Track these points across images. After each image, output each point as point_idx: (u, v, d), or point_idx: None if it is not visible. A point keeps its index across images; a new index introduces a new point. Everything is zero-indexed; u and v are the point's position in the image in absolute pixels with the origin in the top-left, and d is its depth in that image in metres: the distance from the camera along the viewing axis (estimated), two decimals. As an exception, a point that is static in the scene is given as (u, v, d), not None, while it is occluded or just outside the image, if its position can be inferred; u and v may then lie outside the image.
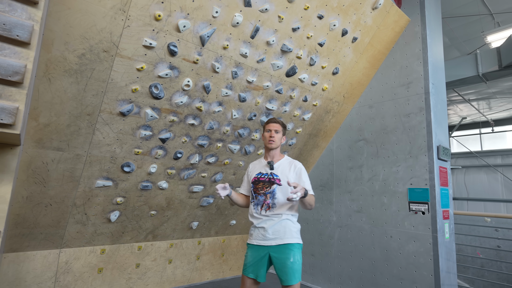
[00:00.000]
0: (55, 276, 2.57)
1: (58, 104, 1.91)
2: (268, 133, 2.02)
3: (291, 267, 1.81)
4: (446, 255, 2.64)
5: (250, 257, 1.94)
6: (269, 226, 1.90)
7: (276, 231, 1.89)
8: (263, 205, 1.95)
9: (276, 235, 1.89)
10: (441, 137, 2.82)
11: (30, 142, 1.97)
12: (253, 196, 2.01)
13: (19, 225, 2.28)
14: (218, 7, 2.05)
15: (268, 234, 1.89)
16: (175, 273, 3.29)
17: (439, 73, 3.00)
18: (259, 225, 1.94)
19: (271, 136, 2.00)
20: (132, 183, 2.56)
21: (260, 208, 1.95)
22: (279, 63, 2.57)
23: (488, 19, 4.90)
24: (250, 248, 1.98)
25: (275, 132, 2.01)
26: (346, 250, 3.23)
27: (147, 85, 2.13)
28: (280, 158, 2.07)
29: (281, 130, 2.04)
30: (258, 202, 1.96)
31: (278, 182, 1.95)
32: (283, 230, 1.90)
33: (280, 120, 2.08)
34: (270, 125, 2.04)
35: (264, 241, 1.90)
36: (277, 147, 2.04)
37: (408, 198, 2.80)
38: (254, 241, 1.95)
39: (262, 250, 1.90)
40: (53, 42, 1.71)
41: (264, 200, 1.94)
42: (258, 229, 1.94)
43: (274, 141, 2.00)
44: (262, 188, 1.97)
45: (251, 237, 1.99)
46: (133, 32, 1.88)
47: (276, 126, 2.03)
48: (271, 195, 1.94)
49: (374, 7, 2.71)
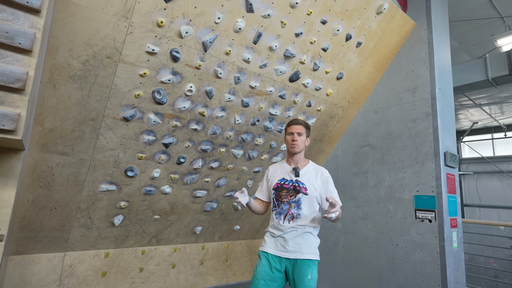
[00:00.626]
0: (60, 279, 2.59)
1: (62, 110, 1.94)
2: (290, 136, 1.85)
3: (308, 284, 1.67)
4: (454, 265, 2.56)
5: (265, 267, 1.75)
6: (291, 237, 1.75)
7: (297, 244, 1.74)
8: (287, 214, 1.78)
9: (296, 248, 1.74)
10: (448, 143, 2.76)
11: (35, 146, 2.01)
12: (275, 204, 1.84)
13: (25, 228, 2.31)
14: (220, 13, 2.06)
15: (288, 246, 1.74)
16: (179, 278, 3.29)
17: (446, 78, 2.95)
18: (280, 235, 1.77)
19: (293, 140, 1.82)
20: (135, 188, 2.58)
21: (284, 218, 1.78)
22: (282, 68, 2.57)
23: (498, 22, 4.81)
24: (264, 257, 1.79)
25: (297, 135, 1.83)
26: (351, 257, 3.17)
27: (150, 90, 2.15)
28: (305, 163, 1.90)
29: (304, 132, 1.86)
30: (281, 211, 1.79)
31: (304, 191, 1.78)
32: (305, 243, 1.75)
33: (303, 121, 1.90)
34: (292, 127, 1.86)
35: (284, 253, 1.74)
36: (301, 151, 1.87)
37: (415, 206, 2.74)
38: (272, 250, 1.77)
39: (280, 262, 1.76)
40: (57, 48, 1.74)
41: (288, 210, 1.77)
42: (277, 238, 1.78)
43: (298, 145, 1.82)
44: (286, 196, 1.80)
45: (267, 245, 1.81)
46: (136, 39, 1.90)
47: (299, 128, 1.85)
48: (295, 204, 1.78)
49: (378, 12, 2.69)
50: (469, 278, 4.84)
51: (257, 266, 1.79)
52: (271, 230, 1.83)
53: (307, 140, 1.90)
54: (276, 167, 1.96)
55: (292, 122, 1.88)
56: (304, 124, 1.88)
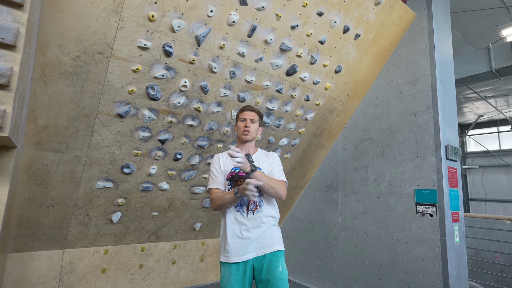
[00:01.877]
0: (59, 276, 2.60)
1: (55, 107, 1.93)
2: (242, 122, 1.74)
3: (280, 277, 1.57)
4: (456, 260, 2.52)
5: (234, 281, 1.59)
6: (256, 235, 1.62)
7: (263, 239, 1.63)
8: (249, 204, 1.65)
9: (263, 243, 1.63)
10: (449, 136, 2.70)
11: (29, 144, 2.00)
12: None
13: (23, 225, 2.32)
14: (213, 6, 2.03)
15: (253, 244, 1.61)
16: (179, 274, 3.29)
17: (448, 70, 2.88)
18: (243, 235, 1.62)
19: (246, 126, 1.72)
20: (132, 185, 2.57)
21: (246, 209, 1.64)
22: (278, 62, 2.52)
23: (503, 12, 4.69)
24: (228, 268, 1.62)
25: (250, 122, 1.73)
26: (351, 253, 3.14)
27: (143, 86, 2.13)
28: (255, 151, 1.81)
29: (257, 119, 1.77)
30: (242, 202, 1.65)
31: None
32: (271, 236, 1.65)
33: (256, 108, 1.81)
34: (245, 113, 1.75)
35: (248, 255, 1.61)
36: (253, 139, 1.77)
37: (415, 200, 2.70)
38: (237, 258, 1.61)
39: (245, 266, 1.62)
40: (47, 45, 1.72)
41: (248, 199, 1.62)
42: (240, 241, 1.61)
43: (250, 132, 1.72)
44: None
45: (228, 254, 1.62)
46: (127, 33, 1.88)
47: (252, 114, 1.75)
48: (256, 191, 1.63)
49: (377, 3, 2.62)
50: (474, 273, 4.78)
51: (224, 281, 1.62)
52: (231, 226, 1.64)
53: (259, 129, 1.81)
54: (224, 156, 1.79)
55: (245, 108, 1.78)
56: (257, 111, 1.80)
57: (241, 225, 1.64)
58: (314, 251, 3.53)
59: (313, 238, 3.56)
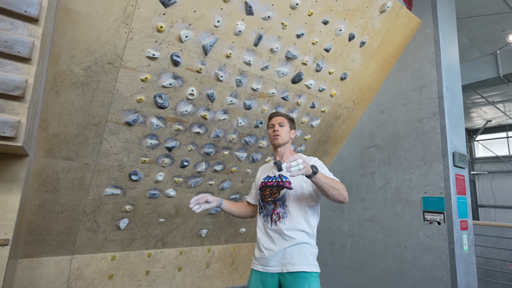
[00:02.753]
0: (67, 282, 2.63)
1: (66, 115, 1.98)
2: (271, 129, 1.71)
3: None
4: (464, 269, 2.48)
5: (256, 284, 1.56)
6: (280, 248, 1.53)
7: (288, 254, 1.52)
8: (273, 215, 1.58)
9: (287, 259, 1.52)
10: (457, 143, 2.69)
11: (40, 152, 2.05)
12: (260, 206, 1.66)
13: (33, 232, 2.36)
14: (219, 17, 2.07)
15: (277, 257, 1.53)
16: (185, 281, 3.30)
17: (454, 76, 2.87)
18: (267, 245, 1.56)
19: (275, 131, 1.68)
20: (140, 191, 2.60)
21: (270, 220, 1.58)
22: (284, 70, 2.55)
23: (510, 17, 4.67)
24: (253, 274, 1.60)
25: (279, 126, 1.68)
26: (358, 260, 3.11)
27: (151, 95, 2.17)
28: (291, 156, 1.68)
29: (286, 122, 1.71)
30: (267, 212, 1.60)
31: (288, 185, 1.58)
32: (297, 254, 1.52)
33: (283, 113, 1.76)
34: (273, 120, 1.73)
35: (272, 267, 1.53)
36: (286, 143, 1.68)
37: (423, 207, 2.67)
38: (259, 266, 1.58)
39: (270, 278, 1.55)
40: (59, 56, 1.77)
41: (273, 210, 1.58)
42: (264, 250, 1.57)
43: (280, 135, 1.66)
44: (270, 195, 1.61)
45: (255, 260, 1.62)
46: (136, 44, 1.92)
47: (279, 119, 1.71)
48: (281, 202, 1.57)
49: (382, 10, 2.64)
50: (484, 282, 4.68)
51: (249, 281, 1.63)
52: (259, 236, 1.63)
53: (292, 132, 1.74)
54: (264, 167, 1.81)
55: (272, 114, 1.76)
56: (285, 115, 1.75)
57: (266, 235, 1.60)
58: (320, 258, 3.51)
59: (319, 245, 3.53)
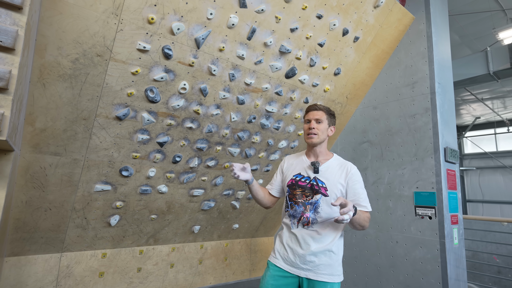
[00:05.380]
0: (57, 280, 2.58)
1: (53, 109, 1.91)
2: (307, 124, 1.55)
3: None
4: (455, 262, 2.52)
5: (272, 279, 1.48)
6: (304, 251, 1.44)
7: (310, 262, 1.44)
8: (301, 218, 1.49)
9: (309, 266, 1.44)
10: (448, 139, 2.71)
11: (27, 147, 1.98)
12: (287, 204, 1.57)
13: (20, 229, 2.29)
14: (212, 9, 2.02)
15: (299, 260, 1.45)
16: (177, 278, 3.27)
17: (446, 72, 2.89)
18: (291, 244, 1.49)
19: (310, 128, 1.52)
20: (131, 187, 2.55)
21: (297, 222, 1.50)
22: (277, 64, 2.52)
23: (500, 15, 4.73)
24: (273, 269, 1.51)
25: (316, 122, 1.52)
26: (351, 255, 3.14)
27: (142, 89, 2.12)
28: (327, 157, 1.58)
29: (325, 118, 1.54)
30: (295, 213, 1.52)
31: (323, 191, 1.48)
32: (319, 261, 1.43)
33: (324, 106, 1.58)
34: (310, 114, 1.55)
35: (294, 269, 1.46)
36: (321, 142, 1.55)
37: (414, 202, 2.70)
38: (281, 263, 1.50)
39: (289, 277, 1.48)
40: (46, 47, 1.71)
41: (302, 213, 1.49)
42: (287, 249, 1.51)
43: (316, 134, 1.51)
44: (302, 196, 1.52)
45: (276, 256, 1.53)
46: (126, 36, 1.87)
47: (318, 114, 1.53)
48: (311, 207, 1.48)
49: (375, 6, 2.63)
50: (472, 275, 4.80)
51: (264, 279, 1.54)
52: (283, 234, 1.57)
53: (330, 129, 1.58)
54: (293, 159, 1.67)
55: (310, 107, 1.58)
56: (325, 109, 1.56)
57: (290, 234, 1.53)
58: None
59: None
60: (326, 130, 1.56)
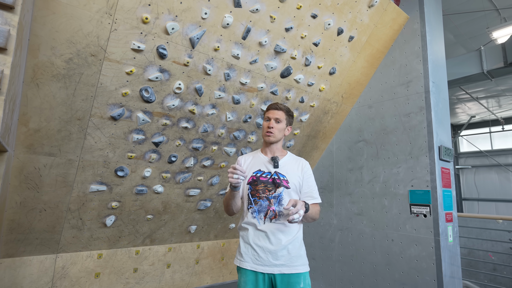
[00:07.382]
0: (52, 281, 2.56)
1: (47, 110, 1.90)
2: (266, 122, 1.61)
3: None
4: (449, 260, 2.54)
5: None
6: (274, 247, 1.46)
7: (283, 255, 1.47)
8: (267, 212, 1.52)
9: (281, 261, 1.46)
10: (442, 137, 2.73)
11: (21, 147, 1.97)
12: (251, 201, 1.57)
13: (14, 230, 2.28)
14: (207, 9, 2.02)
15: (271, 258, 1.47)
16: (174, 278, 3.26)
17: (440, 71, 2.91)
18: (259, 242, 1.50)
19: (269, 127, 1.59)
20: (126, 188, 2.55)
21: (264, 216, 1.52)
22: (273, 64, 2.53)
23: (494, 14, 4.77)
24: (244, 274, 1.50)
25: (275, 122, 1.59)
26: (347, 254, 3.15)
27: (137, 88, 2.11)
28: (283, 154, 1.66)
29: (284, 118, 1.62)
30: (261, 208, 1.53)
31: (286, 184, 1.54)
32: (293, 254, 1.48)
33: (284, 106, 1.64)
34: (270, 112, 1.62)
35: (265, 267, 1.47)
36: (278, 141, 1.62)
37: (409, 201, 2.72)
38: (251, 264, 1.49)
39: (263, 277, 1.49)
40: (39, 47, 1.70)
41: (268, 207, 1.53)
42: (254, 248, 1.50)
43: (273, 133, 1.58)
44: (265, 190, 1.55)
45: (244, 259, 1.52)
46: (120, 36, 1.86)
47: (278, 113, 1.60)
48: (275, 200, 1.53)
49: (370, 5, 2.65)
50: (467, 272, 4.84)
51: (239, 283, 1.52)
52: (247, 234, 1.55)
53: (287, 129, 1.65)
54: (249, 157, 1.70)
55: (271, 106, 1.63)
56: (285, 110, 1.63)
57: (257, 231, 1.53)
58: (309, 252, 3.53)
59: (308, 240, 3.57)
60: (284, 129, 1.65)
